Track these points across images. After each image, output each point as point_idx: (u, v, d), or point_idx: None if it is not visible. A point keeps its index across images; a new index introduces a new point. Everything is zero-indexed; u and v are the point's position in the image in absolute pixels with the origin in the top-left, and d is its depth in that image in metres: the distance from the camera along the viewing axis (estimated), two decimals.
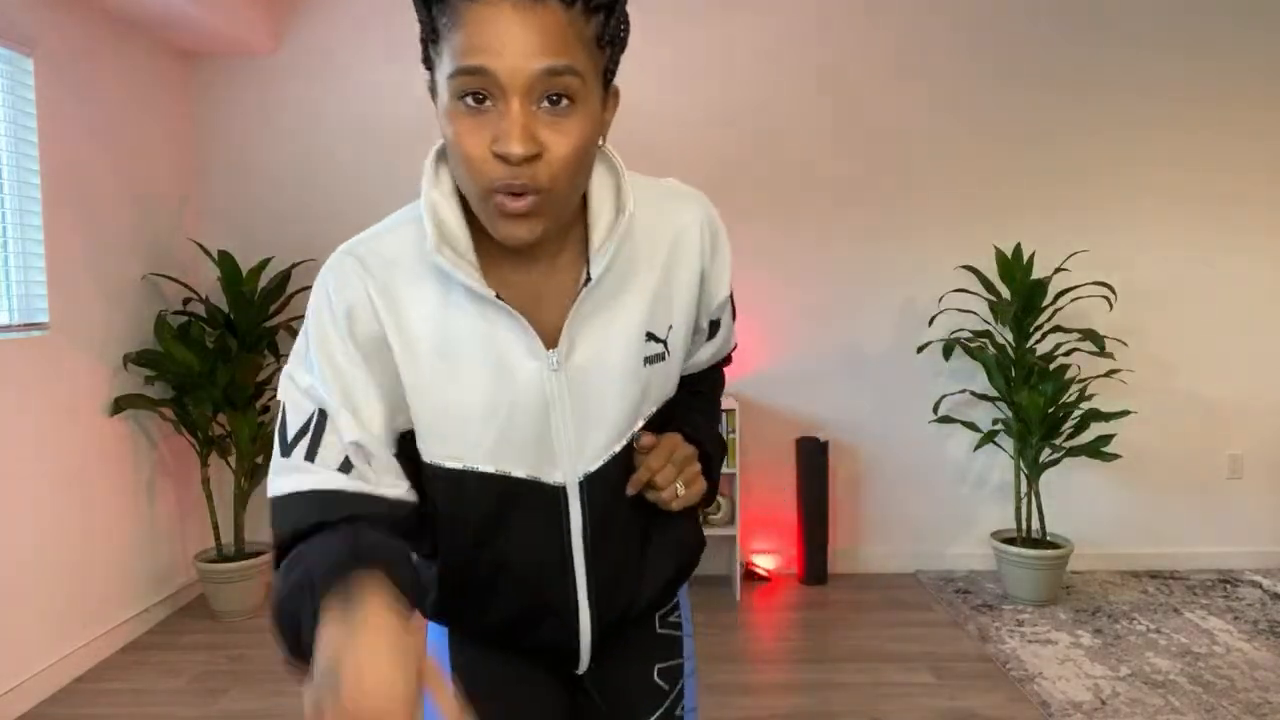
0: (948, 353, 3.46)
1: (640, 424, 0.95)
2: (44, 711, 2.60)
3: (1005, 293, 3.43)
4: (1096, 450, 3.19)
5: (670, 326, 0.94)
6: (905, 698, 2.59)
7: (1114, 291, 3.37)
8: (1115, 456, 3.21)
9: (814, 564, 3.58)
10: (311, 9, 3.61)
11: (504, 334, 0.87)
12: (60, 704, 2.65)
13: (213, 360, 3.16)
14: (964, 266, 3.57)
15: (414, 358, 0.88)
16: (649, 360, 0.93)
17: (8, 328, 2.64)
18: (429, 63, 0.82)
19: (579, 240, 0.91)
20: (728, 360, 1.17)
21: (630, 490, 0.95)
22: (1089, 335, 3.23)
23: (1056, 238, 3.59)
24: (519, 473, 0.92)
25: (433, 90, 0.82)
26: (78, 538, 2.88)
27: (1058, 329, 3.31)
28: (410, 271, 0.88)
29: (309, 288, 3.49)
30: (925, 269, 3.64)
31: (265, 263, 3.38)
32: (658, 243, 0.93)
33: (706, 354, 1.08)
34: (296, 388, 0.86)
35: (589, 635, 1.00)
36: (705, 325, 1.03)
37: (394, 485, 0.87)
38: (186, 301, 3.39)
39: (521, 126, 0.75)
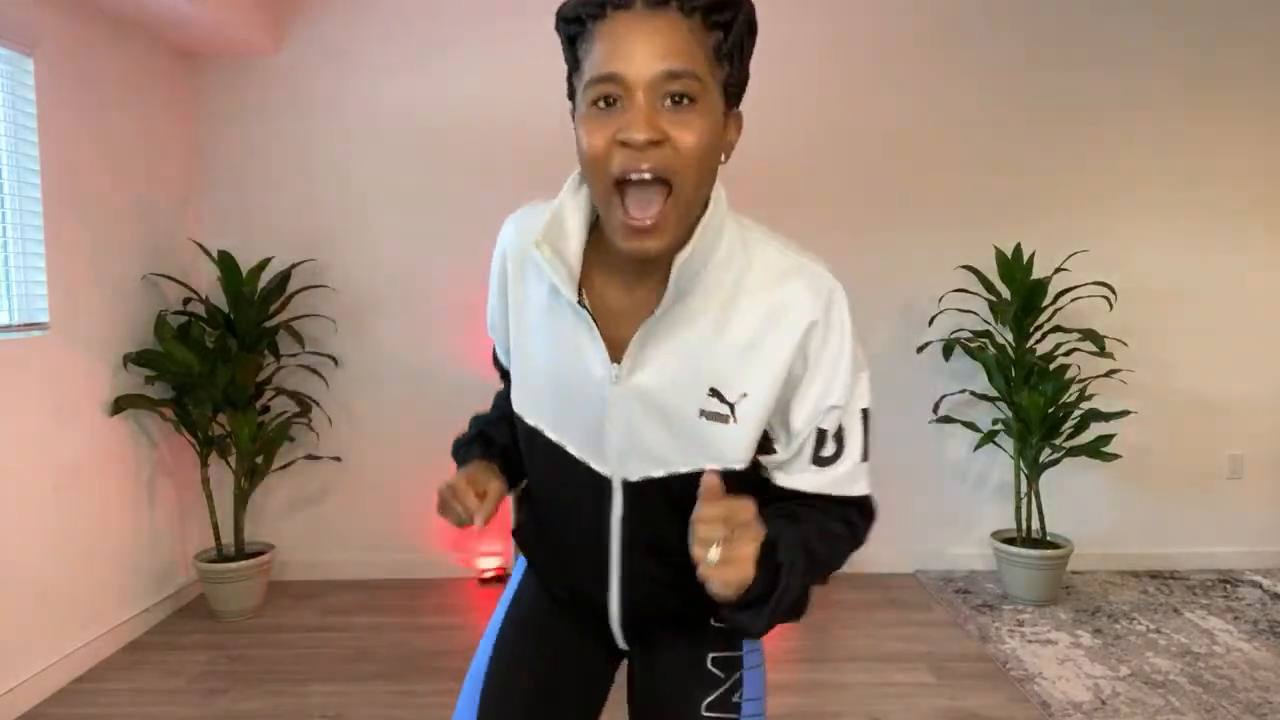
0: (948, 353, 3.45)
1: (688, 470, 0.95)
2: (44, 711, 2.60)
3: (1005, 293, 3.43)
4: (1096, 450, 3.19)
5: (745, 395, 0.92)
6: (905, 698, 2.59)
7: (1114, 291, 3.37)
8: (1115, 456, 3.21)
9: None
10: (311, 9, 3.61)
11: (582, 334, 0.95)
12: (60, 704, 2.64)
13: (213, 360, 3.16)
14: (964, 266, 3.57)
15: (521, 317, 1.01)
16: (707, 415, 0.92)
17: (8, 328, 2.64)
18: (571, 92, 0.90)
19: None
20: (858, 518, 1.03)
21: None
22: (1089, 335, 3.23)
23: (1056, 238, 3.59)
24: (574, 450, 1.00)
25: (574, 118, 0.89)
26: (77, 538, 2.88)
27: (1058, 329, 3.31)
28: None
29: (309, 288, 3.51)
30: (925, 269, 3.64)
31: (265, 263, 3.38)
32: (758, 305, 0.92)
33: (810, 478, 0.98)
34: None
35: (618, 620, 1.07)
36: (801, 426, 0.94)
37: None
38: (186, 301, 3.39)
39: (645, 115, 0.81)
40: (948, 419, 3.45)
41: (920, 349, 3.55)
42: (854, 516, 1.02)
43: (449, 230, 3.65)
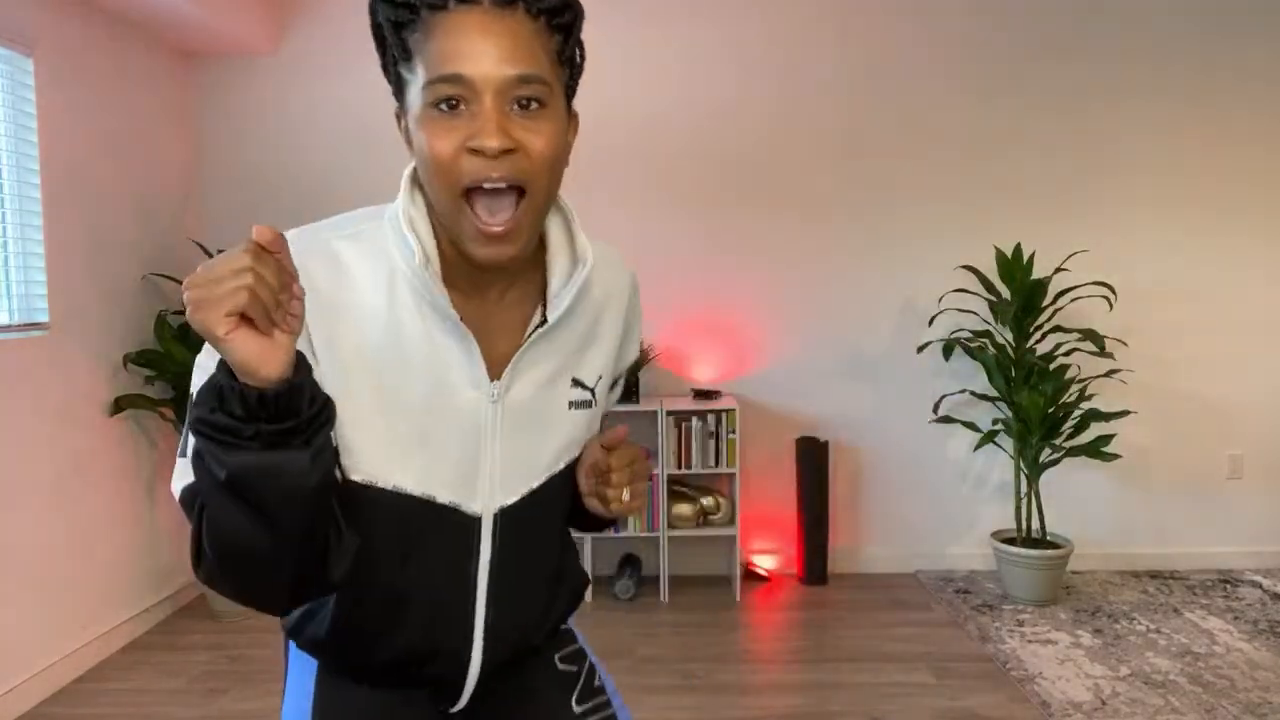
0: (948, 353, 3.45)
1: (560, 467, 0.97)
2: (44, 711, 2.60)
3: (1005, 293, 3.43)
4: (1096, 450, 3.19)
5: (600, 377, 0.99)
6: (905, 698, 2.59)
7: (1114, 291, 3.37)
8: (1115, 456, 3.20)
9: (814, 564, 3.58)
10: (311, 9, 3.61)
11: (450, 358, 0.87)
12: (60, 704, 2.64)
13: None
14: (964, 266, 3.57)
15: (345, 373, 0.84)
16: (575, 405, 0.97)
17: (8, 328, 2.64)
18: (398, 86, 0.84)
19: (532, 279, 0.93)
20: None
21: (584, 479, 0.97)
22: (1089, 335, 3.23)
23: (1056, 238, 3.59)
24: (443, 498, 0.90)
25: (400, 115, 0.85)
26: (78, 538, 2.88)
27: (1058, 329, 3.31)
28: (363, 280, 0.85)
29: None
30: (925, 269, 3.64)
31: None
32: (600, 293, 0.98)
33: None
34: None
35: (476, 673, 0.98)
36: (619, 384, 1.10)
37: None
38: None
39: (496, 122, 0.77)
40: (948, 419, 3.45)
41: (920, 349, 3.56)
42: None
43: None
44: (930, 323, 3.61)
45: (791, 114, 3.63)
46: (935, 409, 3.51)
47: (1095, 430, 3.35)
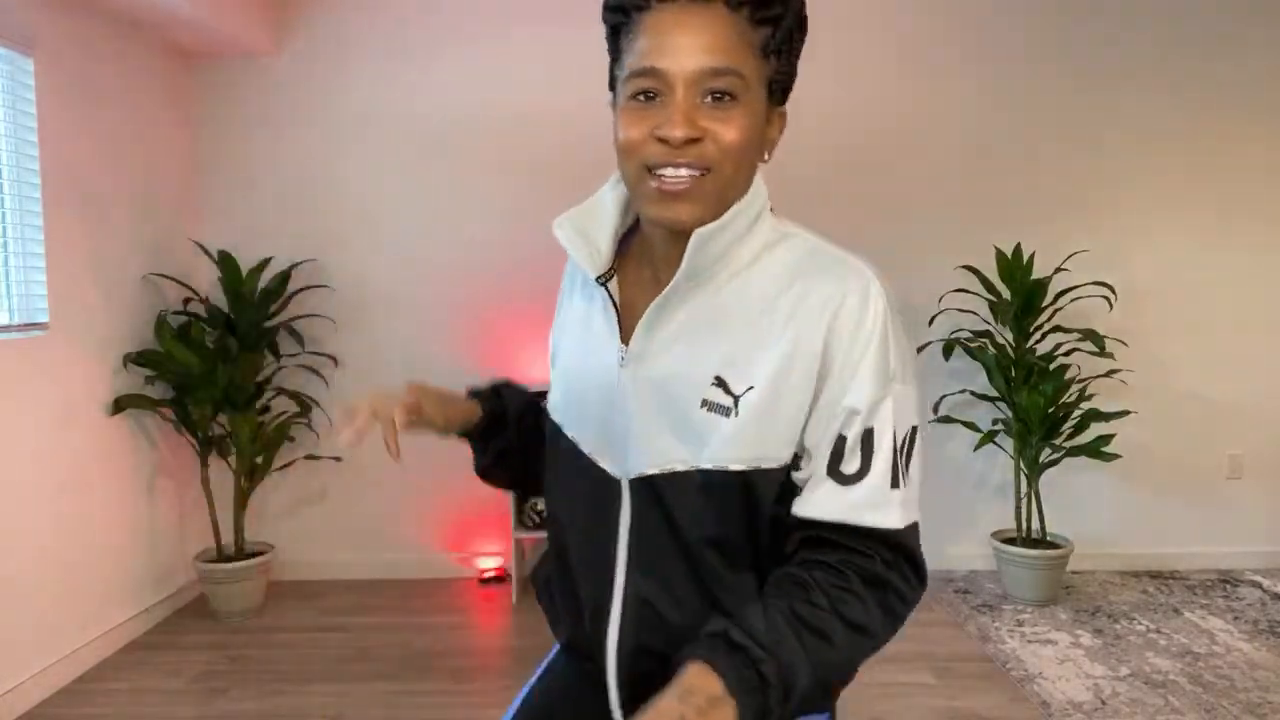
0: (948, 353, 3.45)
1: (680, 467, 0.87)
2: (44, 711, 2.60)
3: (1005, 293, 3.42)
4: (1096, 450, 3.19)
5: (750, 387, 0.84)
6: (905, 698, 2.59)
7: (1114, 291, 3.37)
8: (1115, 456, 3.20)
9: None
10: (311, 9, 3.61)
11: (599, 316, 0.96)
12: (60, 704, 2.64)
13: (213, 360, 3.16)
14: (964, 266, 3.57)
15: (562, 319, 1.06)
16: (709, 406, 0.85)
17: (8, 328, 2.64)
18: (613, 84, 0.90)
19: None
20: (887, 562, 0.84)
21: None
22: (1089, 335, 3.23)
23: (1056, 238, 3.59)
24: (586, 448, 0.97)
25: (614, 109, 0.89)
26: (78, 538, 2.88)
27: (1058, 329, 3.31)
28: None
29: (309, 288, 3.51)
30: (925, 269, 3.64)
31: (265, 263, 3.38)
32: (778, 297, 0.86)
33: (826, 498, 0.84)
34: None
35: (615, 648, 0.91)
36: (818, 436, 0.84)
37: None
38: (186, 301, 3.39)
39: (684, 112, 0.80)
40: (948, 419, 3.45)
41: (920, 349, 3.55)
42: (881, 560, 0.83)
43: (449, 230, 3.65)
44: (930, 323, 3.60)
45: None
46: (935, 409, 3.51)
47: (1095, 430, 3.35)
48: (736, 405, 0.84)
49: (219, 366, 3.14)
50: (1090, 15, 3.59)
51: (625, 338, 0.92)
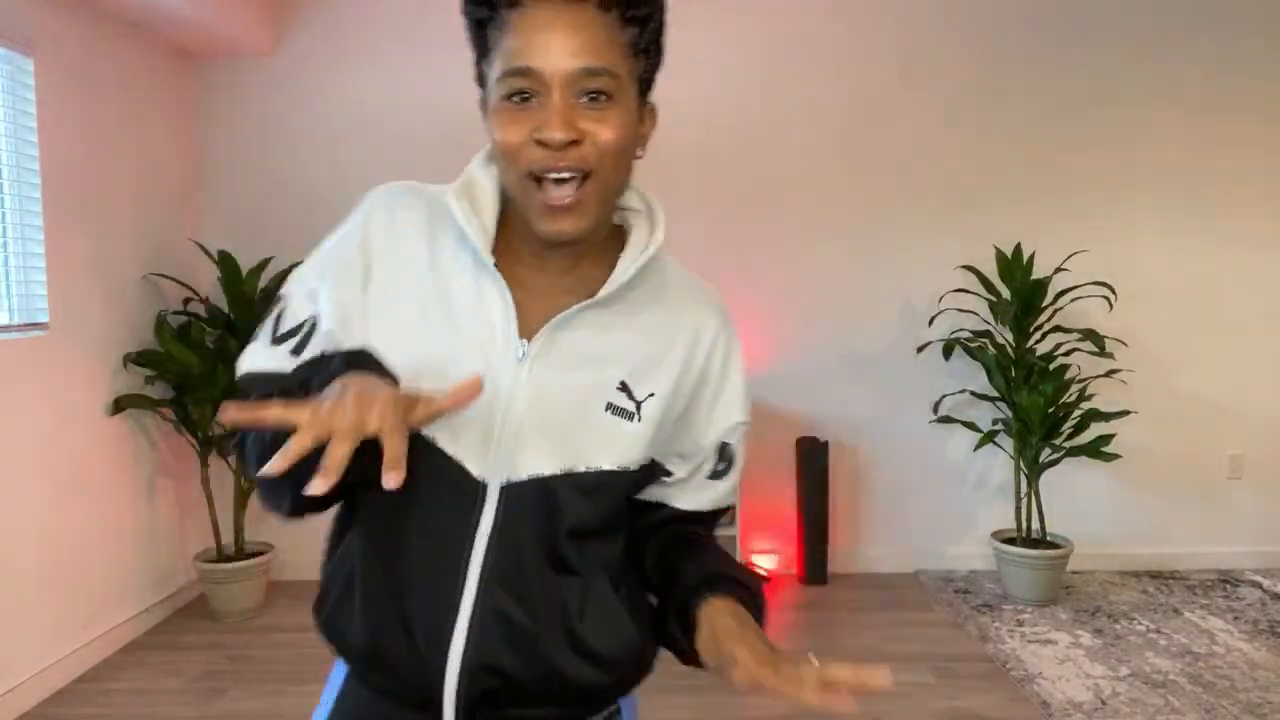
0: (948, 353, 3.45)
1: (581, 468, 0.88)
2: (44, 711, 2.60)
3: (1005, 293, 3.42)
4: (1096, 450, 3.19)
5: (651, 394, 0.91)
6: (905, 698, 2.59)
7: (1114, 291, 3.37)
8: (1115, 456, 3.21)
9: (814, 564, 3.58)
10: (311, 9, 3.61)
11: (488, 307, 0.88)
12: (60, 704, 2.64)
13: (213, 360, 3.16)
14: (964, 266, 3.57)
15: (392, 280, 0.89)
16: (613, 409, 0.89)
17: (8, 328, 2.64)
18: (481, 79, 0.88)
19: (592, 269, 0.91)
20: (716, 519, 1.04)
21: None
22: (1089, 335, 3.23)
23: (1056, 238, 3.59)
24: (446, 446, 0.86)
25: (484, 105, 0.87)
26: (78, 538, 2.88)
27: (1058, 329, 3.31)
28: (436, 217, 0.91)
29: None
30: (925, 269, 3.64)
31: (265, 263, 3.38)
32: (679, 316, 0.94)
33: (706, 495, 0.99)
34: (301, 289, 0.91)
35: (456, 673, 0.86)
36: (708, 440, 0.96)
37: None
38: (186, 301, 3.38)
39: (562, 114, 0.79)
40: (948, 419, 3.45)
41: (920, 349, 3.56)
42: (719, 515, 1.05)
43: None
44: (930, 323, 3.60)
45: (791, 114, 3.63)
46: (935, 409, 3.51)
47: (1095, 430, 3.35)
48: (639, 410, 0.91)
49: (219, 366, 3.15)
50: (1091, 15, 3.59)
51: (523, 332, 0.88)
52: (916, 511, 3.73)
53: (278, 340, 0.89)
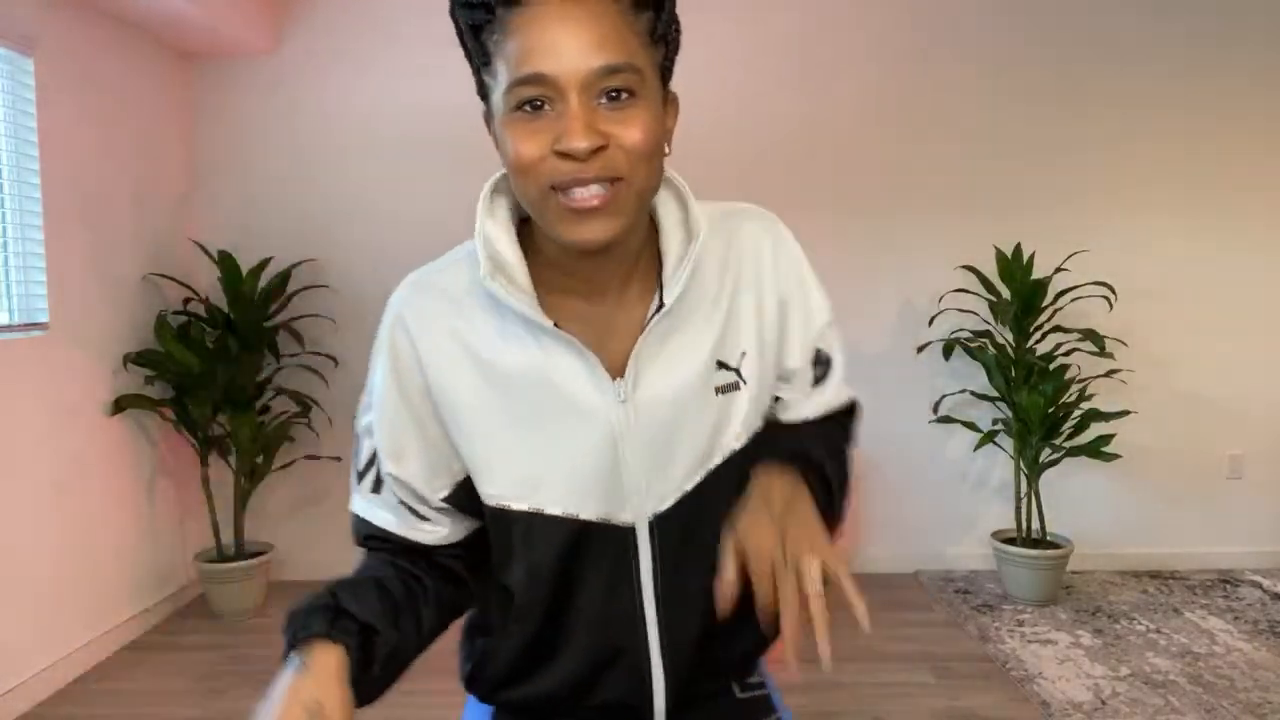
0: (948, 353, 3.45)
1: (719, 460, 0.88)
2: (44, 711, 2.60)
3: (1005, 293, 3.43)
4: (1096, 450, 3.19)
5: (744, 353, 0.88)
6: (905, 698, 2.59)
7: (1114, 291, 3.37)
8: (1115, 456, 3.20)
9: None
10: (311, 9, 3.61)
11: (564, 366, 0.83)
12: (60, 704, 2.64)
13: (213, 360, 3.16)
14: (964, 266, 3.57)
15: (454, 403, 0.85)
16: (721, 390, 0.87)
17: (8, 328, 2.64)
18: (483, 91, 0.80)
19: (648, 271, 0.87)
20: (850, 418, 1.01)
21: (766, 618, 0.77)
22: (1089, 335, 3.23)
23: (1056, 238, 3.58)
24: (588, 514, 0.86)
25: (489, 119, 0.80)
26: (78, 538, 2.88)
27: (1058, 329, 3.31)
28: (462, 306, 0.85)
29: (309, 288, 3.50)
30: (925, 269, 3.64)
31: (265, 263, 3.38)
32: (722, 267, 0.88)
33: (813, 404, 0.95)
34: (360, 425, 0.91)
35: (663, 693, 0.91)
36: (801, 358, 0.92)
37: (433, 529, 0.91)
38: (186, 301, 3.38)
39: (584, 121, 0.72)
40: (948, 419, 3.45)
41: (920, 349, 3.56)
42: (845, 420, 1.01)
43: (449, 230, 3.63)
44: (930, 323, 3.61)
45: (791, 115, 3.63)
46: (935, 409, 3.51)
47: (1095, 430, 3.35)
48: (741, 376, 0.88)
49: (219, 366, 3.15)
50: (1090, 14, 3.59)
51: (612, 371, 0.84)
52: (916, 511, 3.73)
53: (360, 477, 0.93)
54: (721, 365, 0.87)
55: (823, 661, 0.68)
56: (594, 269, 0.83)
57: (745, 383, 0.88)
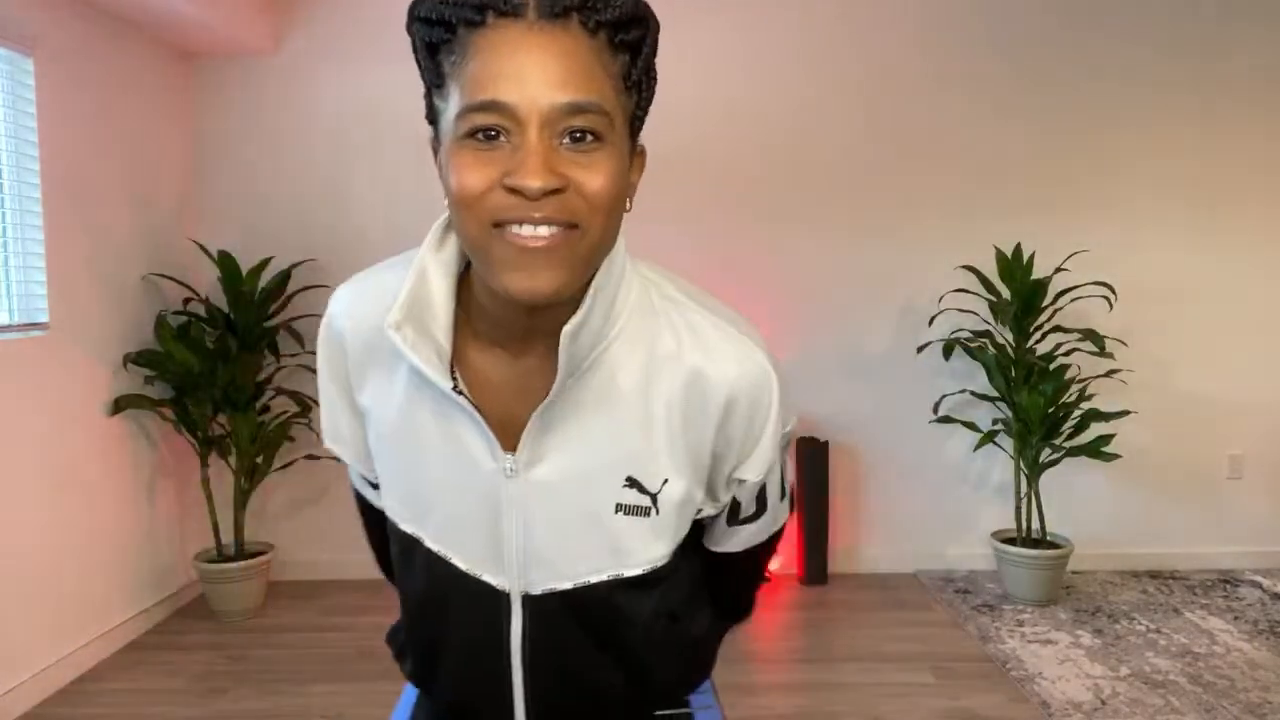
0: (948, 353, 3.45)
1: (598, 579, 0.81)
2: (44, 711, 2.60)
3: (1005, 293, 3.43)
4: (1096, 450, 3.19)
5: (665, 480, 0.80)
6: (905, 698, 2.59)
7: (1114, 291, 3.37)
8: (1115, 456, 3.20)
9: (814, 564, 3.58)
10: (311, 9, 3.61)
11: (463, 426, 0.79)
12: (60, 704, 2.64)
13: (213, 360, 3.16)
14: (964, 266, 3.57)
15: (378, 413, 0.84)
16: (625, 509, 0.79)
17: (8, 328, 2.64)
18: (432, 115, 0.72)
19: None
20: (773, 542, 0.97)
21: None
22: (1089, 335, 3.23)
23: (1056, 238, 3.59)
24: (462, 563, 0.83)
25: (435, 147, 0.73)
26: (78, 538, 2.88)
27: (1058, 329, 3.31)
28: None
29: (309, 288, 3.50)
30: (925, 269, 3.64)
31: (265, 263, 3.38)
32: (675, 379, 0.78)
33: (736, 538, 0.91)
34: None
35: None
36: (722, 498, 0.87)
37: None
38: (186, 301, 3.38)
39: (541, 158, 0.64)
40: (948, 419, 3.45)
41: (920, 349, 3.56)
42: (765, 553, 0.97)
43: None
44: (930, 323, 3.61)
45: (791, 116, 3.63)
46: (935, 409, 3.51)
47: (1095, 430, 3.35)
48: (655, 503, 0.80)
49: (219, 366, 3.15)
50: (1090, 15, 3.59)
51: (505, 443, 0.79)
52: (916, 511, 3.73)
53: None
54: (633, 483, 0.79)
55: None
56: (525, 326, 0.76)
57: (659, 513, 0.80)
